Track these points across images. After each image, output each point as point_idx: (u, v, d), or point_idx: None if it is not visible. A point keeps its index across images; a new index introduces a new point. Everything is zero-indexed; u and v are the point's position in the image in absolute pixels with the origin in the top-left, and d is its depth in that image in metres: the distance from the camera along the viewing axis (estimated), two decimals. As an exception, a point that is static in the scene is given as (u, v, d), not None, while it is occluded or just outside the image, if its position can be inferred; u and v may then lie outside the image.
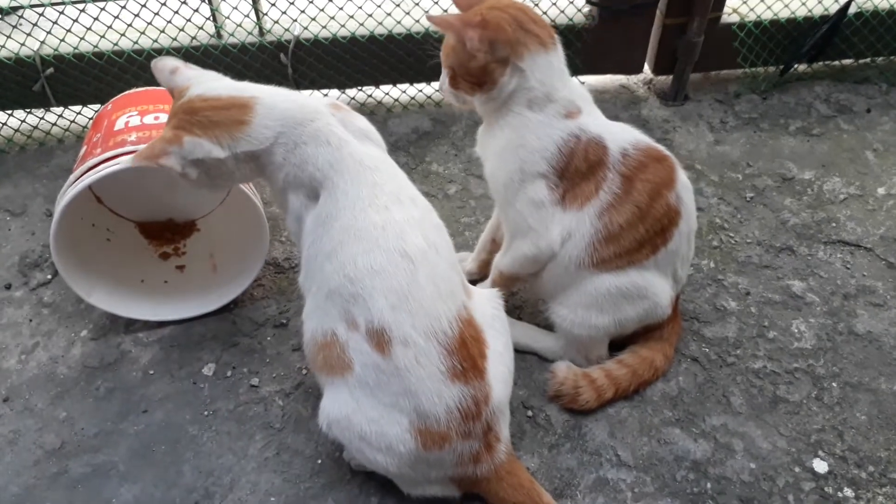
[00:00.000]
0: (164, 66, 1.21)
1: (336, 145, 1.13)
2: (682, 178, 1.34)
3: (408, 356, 1.06)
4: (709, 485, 1.30)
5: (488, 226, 1.59)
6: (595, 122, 1.31)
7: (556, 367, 1.41)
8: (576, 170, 1.28)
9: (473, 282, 1.53)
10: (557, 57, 1.28)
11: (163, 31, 1.97)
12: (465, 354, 1.10)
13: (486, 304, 1.23)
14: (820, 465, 1.33)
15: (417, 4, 2.00)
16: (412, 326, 1.06)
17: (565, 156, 1.27)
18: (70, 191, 1.37)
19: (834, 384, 1.45)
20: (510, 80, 1.25)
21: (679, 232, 1.33)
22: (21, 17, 1.97)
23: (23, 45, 1.92)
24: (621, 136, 1.31)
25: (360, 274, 1.07)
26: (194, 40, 1.97)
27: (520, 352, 1.46)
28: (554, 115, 1.27)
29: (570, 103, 1.28)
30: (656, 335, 1.44)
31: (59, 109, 2.06)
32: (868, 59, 2.25)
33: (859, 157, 1.96)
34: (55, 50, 1.93)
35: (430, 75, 2.13)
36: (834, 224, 1.77)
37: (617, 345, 1.45)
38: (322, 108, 1.17)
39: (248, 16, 1.98)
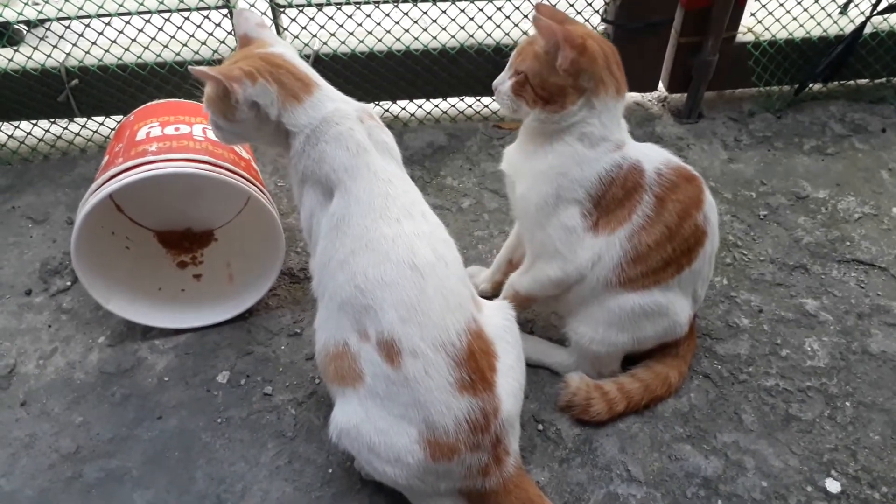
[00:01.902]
0: (252, 16, 1.25)
1: (354, 152, 1.15)
2: (709, 198, 1.34)
3: (417, 367, 1.07)
4: (719, 502, 1.29)
5: (504, 246, 1.59)
6: (632, 147, 1.31)
7: (569, 377, 1.42)
8: (612, 197, 1.28)
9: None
10: (622, 106, 1.29)
11: (185, 45, 2.01)
12: (474, 367, 1.10)
13: (497, 315, 1.24)
14: (832, 485, 1.31)
15: (434, 21, 2.03)
16: (421, 338, 1.08)
17: (605, 185, 1.27)
18: (91, 199, 1.40)
19: (847, 403, 1.44)
20: (579, 110, 1.25)
21: (703, 252, 1.34)
22: (48, 29, 2.02)
23: (49, 56, 1.97)
24: (654, 157, 1.32)
25: (371, 285, 1.09)
26: (216, 54, 2.01)
27: (531, 366, 1.47)
28: (604, 151, 1.28)
29: (620, 141, 1.29)
30: (672, 352, 1.44)
31: (82, 120, 2.10)
32: (883, 79, 2.26)
33: (874, 177, 1.96)
34: (80, 62, 1.98)
35: (446, 91, 2.16)
36: (848, 243, 1.77)
37: (631, 359, 1.45)
38: (352, 113, 1.19)
39: (268, 31, 2.02)
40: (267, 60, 1.17)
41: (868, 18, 2.09)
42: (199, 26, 1.98)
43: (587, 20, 2.08)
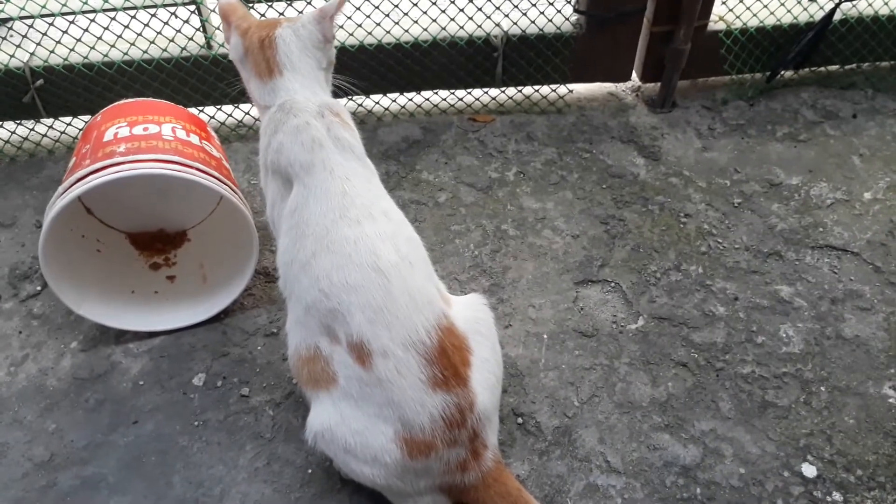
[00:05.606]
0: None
1: (309, 147, 1.16)
2: None
3: (388, 367, 1.07)
4: (698, 490, 1.30)
5: None
6: None
7: None
8: None
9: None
10: None
11: (153, 43, 1.98)
12: (446, 363, 1.10)
13: (469, 308, 1.23)
14: (809, 470, 1.33)
15: (406, 14, 2.01)
16: (390, 339, 1.07)
17: None
18: (59, 202, 1.37)
19: (822, 388, 1.46)
20: None
21: None
22: (10, 28, 1.97)
23: (12, 56, 1.92)
24: None
25: (336, 289, 1.09)
26: (184, 51, 1.98)
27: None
28: None
29: None
30: None
31: (49, 121, 2.06)
32: (854, 65, 2.27)
33: (846, 163, 1.98)
34: (45, 61, 1.94)
35: (420, 84, 2.14)
36: (821, 229, 1.79)
37: None
38: (311, 107, 1.21)
39: (237, 26, 1.99)
40: (261, 33, 1.28)
41: (837, 5, 2.10)
42: (166, 23, 1.94)
43: (559, 10, 2.08)
